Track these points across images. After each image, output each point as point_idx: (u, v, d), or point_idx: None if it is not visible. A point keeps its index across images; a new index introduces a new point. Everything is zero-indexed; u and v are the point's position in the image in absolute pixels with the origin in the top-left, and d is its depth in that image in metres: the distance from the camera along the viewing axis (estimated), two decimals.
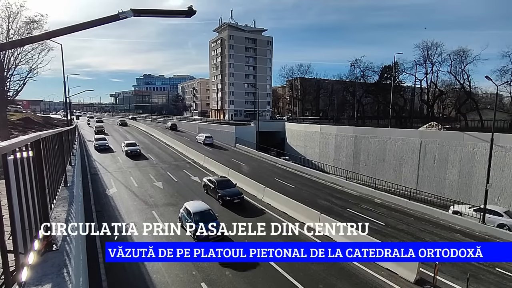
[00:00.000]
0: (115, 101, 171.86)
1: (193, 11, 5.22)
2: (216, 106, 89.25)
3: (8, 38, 28.22)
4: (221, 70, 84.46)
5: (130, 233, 14.28)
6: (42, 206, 3.35)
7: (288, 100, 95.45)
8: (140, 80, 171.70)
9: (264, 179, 24.65)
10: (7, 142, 2.41)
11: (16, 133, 31.39)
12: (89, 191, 19.82)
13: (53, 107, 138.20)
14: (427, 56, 50.68)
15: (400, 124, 48.46)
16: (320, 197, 21.99)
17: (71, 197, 5.60)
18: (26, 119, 45.46)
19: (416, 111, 68.21)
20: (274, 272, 11.64)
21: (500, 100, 53.04)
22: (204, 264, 11.89)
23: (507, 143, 22.72)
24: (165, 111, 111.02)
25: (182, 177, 24.84)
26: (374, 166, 32.45)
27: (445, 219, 18.58)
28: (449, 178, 26.51)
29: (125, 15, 4.68)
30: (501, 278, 12.40)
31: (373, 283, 11.28)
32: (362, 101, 68.08)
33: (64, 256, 3.14)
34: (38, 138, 3.42)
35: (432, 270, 11.59)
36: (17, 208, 2.48)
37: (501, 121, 34.60)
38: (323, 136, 39.00)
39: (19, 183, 2.55)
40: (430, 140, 27.97)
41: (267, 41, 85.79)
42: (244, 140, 41.78)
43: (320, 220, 15.71)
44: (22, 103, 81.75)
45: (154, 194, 20.15)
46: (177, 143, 38.82)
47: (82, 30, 4.69)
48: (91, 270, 10.08)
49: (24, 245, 2.61)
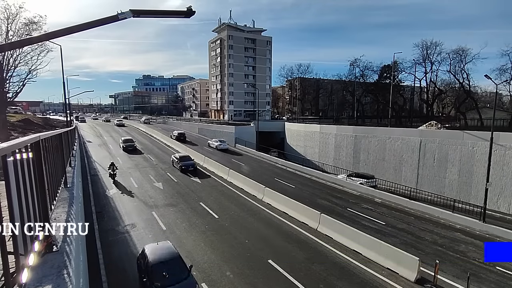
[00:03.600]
0: (114, 102, 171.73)
1: (192, 11, 5.22)
2: (215, 106, 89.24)
3: (7, 39, 28.18)
4: (220, 71, 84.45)
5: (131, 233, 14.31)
6: (42, 207, 3.35)
7: (288, 100, 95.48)
8: (139, 80, 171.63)
9: (264, 179, 24.65)
10: (7, 143, 2.41)
11: (15, 134, 31.35)
12: (89, 192, 19.81)
13: (53, 108, 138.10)
14: (427, 55, 50.77)
15: (399, 124, 48.44)
16: (320, 197, 21.99)
17: (71, 198, 5.60)
18: (26, 120, 45.43)
19: (416, 110, 68.20)
20: (274, 272, 11.63)
21: (499, 99, 52.98)
22: (205, 265, 11.90)
23: (506, 142, 22.73)
24: (164, 112, 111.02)
25: (182, 177, 24.84)
26: (374, 165, 32.46)
27: (446, 218, 18.58)
28: (449, 177, 26.52)
29: (124, 16, 4.68)
30: (502, 277, 12.39)
31: (373, 282, 11.27)
32: (362, 100, 68.10)
33: (64, 257, 3.14)
34: (38, 139, 3.42)
35: (433, 269, 11.60)
36: (17, 209, 2.48)
37: (500, 120, 34.60)
38: (323, 136, 39.00)
39: (19, 185, 2.54)
40: (430, 139, 27.98)
41: (266, 41, 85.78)
42: (244, 140, 41.80)
43: (320, 220, 15.72)
44: (21, 104, 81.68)
45: (154, 195, 20.15)
46: (177, 143, 38.82)
47: (81, 31, 4.69)
48: (92, 271, 10.08)
49: (24, 247, 2.60)
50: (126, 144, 34.98)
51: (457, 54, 45.88)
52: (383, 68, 62.16)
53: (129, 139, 36.76)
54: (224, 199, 20.13)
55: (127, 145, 34.92)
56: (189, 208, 18.13)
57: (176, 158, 27.96)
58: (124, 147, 34.76)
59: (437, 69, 51.86)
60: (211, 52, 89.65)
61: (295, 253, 13.24)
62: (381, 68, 62.68)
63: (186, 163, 26.89)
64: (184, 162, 26.97)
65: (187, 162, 27.13)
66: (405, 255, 11.88)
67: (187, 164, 26.78)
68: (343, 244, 13.96)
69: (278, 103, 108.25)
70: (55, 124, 52.17)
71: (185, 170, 26.17)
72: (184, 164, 26.69)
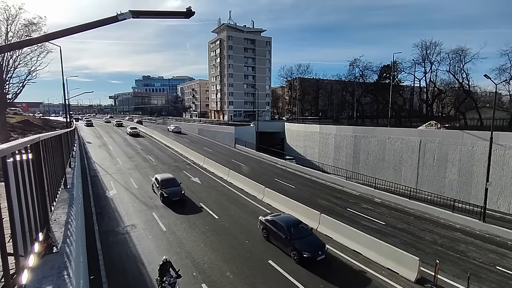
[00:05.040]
0: (114, 103, 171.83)
1: (192, 12, 5.21)
2: (215, 107, 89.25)
3: (6, 40, 28.19)
4: (220, 71, 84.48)
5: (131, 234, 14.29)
6: (42, 209, 3.35)
7: (288, 100, 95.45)
8: (139, 81, 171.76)
9: (264, 179, 24.65)
10: (7, 144, 2.41)
11: (15, 135, 31.34)
12: (89, 193, 19.81)
13: (53, 109, 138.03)
14: (426, 55, 50.85)
15: (399, 124, 48.44)
16: (320, 197, 21.98)
17: (71, 199, 5.59)
18: (25, 121, 45.38)
19: (415, 110, 68.20)
20: (275, 272, 11.63)
21: (499, 99, 53.07)
22: (205, 265, 11.89)
23: (506, 142, 22.74)
24: (164, 112, 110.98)
25: (182, 178, 24.76)
26: (374, 165, 32.47)
27: (445, 218, 18.58)
28: (449, 177, 26.53)
29: (124, 16, 4.67)
30: (502, 277, 12.39)
31: (374, 282, 11.27)
32: (361, 100, 68.14)
33: (64, 258, 3.13)
34: (38, 140, 3.41)
35: (433, 269, 11.60)
36: (17, 210, 2.47)
37: (500, 120, 34.58)
38: (322, 136, 39.01)
39: (18, 186, 2.54)
40: (430, 139, 27.99)
41: (265, 41, 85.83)
42: (244, 140, 41.79)
43: (320, 220, 15.71)
44: (21, 105, 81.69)
45: (154, 196, 20.11)
46: (176, 144, 38.83)
47: (80, 32, 4.69)
48: (92, 272, 10.08)
49: (24, 248, 2.60)
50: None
51: (457, 54, 46.00)
52: (383, 68, 62.27)
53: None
54: (224, 199, 20.12)
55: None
56: (189, 208, 18.11)
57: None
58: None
59: (436, 69, 52.04)
60: (210, 53, 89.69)
61: None
62: (380, 68, 62.83)
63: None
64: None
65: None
66: (405, 255, 11.88)
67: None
68: (343, 244, 13.97)
69: (277, 104, 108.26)
70: (55, 125, 52.12)
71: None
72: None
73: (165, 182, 19.18)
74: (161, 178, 19.70)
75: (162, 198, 18.49)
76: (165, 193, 18.29)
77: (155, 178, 20.29)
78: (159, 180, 19.40)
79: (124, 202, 18.84)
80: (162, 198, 18.49)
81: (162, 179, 19.49)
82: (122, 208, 17.71)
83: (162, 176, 20.32)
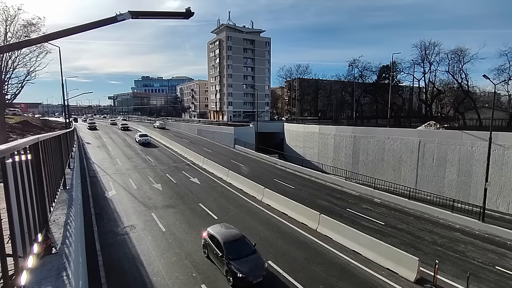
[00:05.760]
0: (113, 104, 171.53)
1: (191, 12, 5.21)
2: (214, 107, 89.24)
3: (5, 41, 28.17)
4: (219, 72, 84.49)
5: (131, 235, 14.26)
6: (41, 209, 3.34)
7: (287, 100, 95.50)
8: (138, 82, 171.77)
9: (263, 180, 24.64)
10: (6, 145, 2.40)
11: (14, 136, 31.27)
12: (88, 194, 19.78)
13: (52, 109, 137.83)
14: (425, 56, 50.91)
15: (398, 124, 48.54)
16: (320, 197, 21.98)
17: (70, 200, 5.58)
18: (24, 122, 45.30)
19: (415, 110, 68.31)
20: (275, 272, 11.62)
21: (497, 99, 53.12)
22: (204, 266, 11.87)
23: (505, 142, 22.79)
24: (163, 113, 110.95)
25: (181, 178, 24.80)
26: (373, 166, 32.48)
27: (445, 218, 18.59)
28: (448, 177, 26.56)
29: (123, 17, 4.67)
30: (501, 277, 12.41)
31: (373, 283, 11.27)
32: (361, 101, 68.18)
33: (64, 259, 3.12)
34: (37, 141, 3.40)
35: (432, 269, 11.61)
36: (16, 211, 2.46)
37: (499, 120, 34.73)
38: (322, 136, 39.02)
39: (17, 187, 2.53)
40: (429, 140, 28.03)
41: (265, 42, 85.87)
42: (243, 141, 41.76)
43: (320, 220, 15.71)
44: (20, 106, 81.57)
45: (153, 196, 20.11)
46: (176, 144, 38.82)
47: (79, 32, 4.68)
48: (91, 273, 10.05)
49: (23, 249, 2.59)
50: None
51: (456, 54, 46.06)
52: (382, 68, 62.35)
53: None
54: (223, 200, 20.10)
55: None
56: (188, 209, 18.10)
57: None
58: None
59: (435, 69, 52.10)
60: (210, 53, 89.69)
61: (294, 253, 13.23)
62: (380, 69, 62.90)
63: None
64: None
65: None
66: (405, 255, 11.88)
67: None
68: (343, 245, 13.97)
69: (277, 104, 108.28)
70: (54, 125, 52.03)
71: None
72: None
73: (232, 247, 11.20)
74: (222, 237, 11.51)
75: (233, 278, 10.41)
76: (240, 271, 10.34)
77: (208, 235, 12.15)
78: (220, 241, 11.34)
79: (123, 202, 18.82)
80: (233, 278, 10.41)
81: (226, 240, 11.37)
82: (121, 209, 17.68)
83: (223, 232, 11.95)
